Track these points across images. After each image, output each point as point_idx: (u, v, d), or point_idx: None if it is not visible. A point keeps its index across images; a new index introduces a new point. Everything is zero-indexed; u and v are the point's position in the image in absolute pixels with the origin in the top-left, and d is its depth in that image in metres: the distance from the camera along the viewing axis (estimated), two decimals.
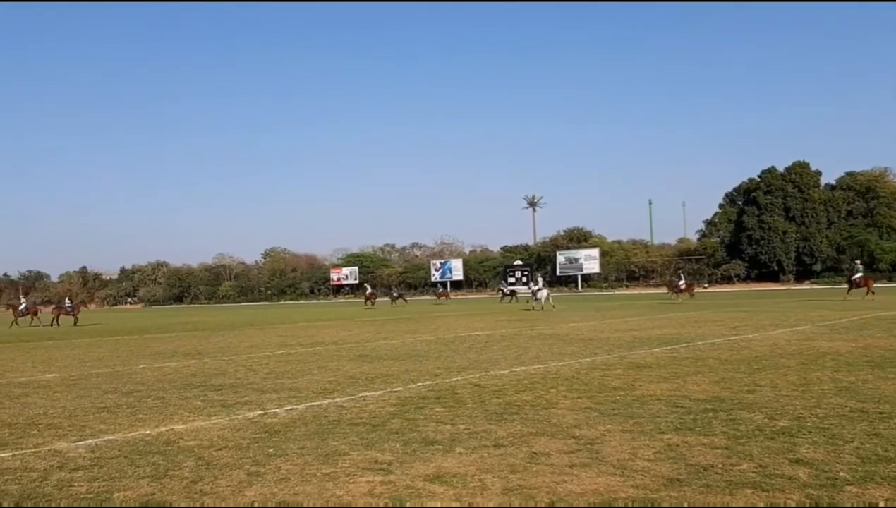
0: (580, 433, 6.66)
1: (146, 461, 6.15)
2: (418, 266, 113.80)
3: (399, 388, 9.90)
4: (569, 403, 8.26)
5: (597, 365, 11.77)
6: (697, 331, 18.34)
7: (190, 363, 14.79)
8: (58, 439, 7.24)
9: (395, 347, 16.80)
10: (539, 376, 10.68)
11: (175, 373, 12.85)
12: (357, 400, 9.05)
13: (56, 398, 10.23)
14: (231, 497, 5.02)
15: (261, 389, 10.38)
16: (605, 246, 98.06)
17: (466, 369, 11.84)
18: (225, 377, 12.04)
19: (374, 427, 7.26)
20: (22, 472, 5.89)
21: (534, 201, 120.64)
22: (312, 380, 11.14)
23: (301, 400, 9.23)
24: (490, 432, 6.83)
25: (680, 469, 5.32)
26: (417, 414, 7.85)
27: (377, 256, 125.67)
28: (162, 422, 7.98)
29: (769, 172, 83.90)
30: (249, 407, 8.83)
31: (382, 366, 12.71)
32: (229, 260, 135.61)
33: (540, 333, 19.75)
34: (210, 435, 7.14)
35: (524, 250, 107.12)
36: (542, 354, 13.90)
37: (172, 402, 9.44)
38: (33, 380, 12.58)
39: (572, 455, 5.85)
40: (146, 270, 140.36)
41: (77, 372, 13.68)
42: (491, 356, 13.87)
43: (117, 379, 12.21)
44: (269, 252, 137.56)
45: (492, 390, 9.43)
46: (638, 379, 10.05)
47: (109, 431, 7.57)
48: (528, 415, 7.60)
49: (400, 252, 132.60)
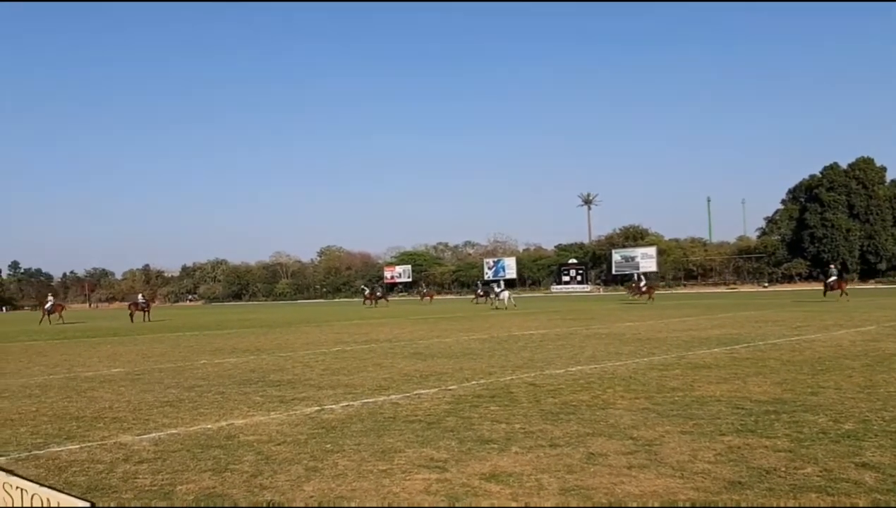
0: (638, 434, 6.57)
1: (207, 455, 6.28)
2: (471, 264, 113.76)
3: (453, 386, 9.91)
4: (626, 403, 8.15)
5: (654, 365, 11.60)
6: (758, 331, 17.92)
7: (249, 359, 15.07)
8: (123, 432, 7.45)
9: (448, 345, 16.84)
10: (595, 376, 10.57)
11: (234, 369, 13.11)
12: (412, 397, 9.10)
13: (121, 392, 10.53)
14: (290, 491, 5.10)
15: (317, 385, 10.51)
16: (662, 244, 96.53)
17: (521, 368, 11.80)
18: (283, 373, 12.23)
19: (429, 424, 7.29)
20: (89, 464, 6.08)
21: (589, 199, 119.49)
22: (368, 377, 11.24)
23: (357, 396, 9.32)
24: (546, 431, 6.79)
25: (742, 472, 5.21)
26: (472, 413, 7.84)
27: (430, 254, 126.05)
28: (222, 417, 8.14)
29: (831, 169, 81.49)
30: (307, 402, 8.96)
31: (436, 364, 12.74)
32: (286, 259, 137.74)
33: (595, 332, 19.56)
34: (269, 430, 7.26)
35: (579, 248, 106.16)
36: (597, 354, 13.76)
37: (232, 397, 9.62)
38: (99, 375, 12.97)
39: (630, 456, 5.78)
40: (206, 268, 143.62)
41: (141, 367, 14.06)
42: (546, 355, 13.79)
43: (179, 375, 12.51)
44: (325, 250, 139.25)
45: (547, 389, 9.37)
46: (697, 379, 9.87)
47: (172, 425, 7.76)
48: (585, 415, 7.53)
49: (453, 250, 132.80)
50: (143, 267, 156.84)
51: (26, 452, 6.61)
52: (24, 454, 6.54)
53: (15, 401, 9.86)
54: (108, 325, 36.62)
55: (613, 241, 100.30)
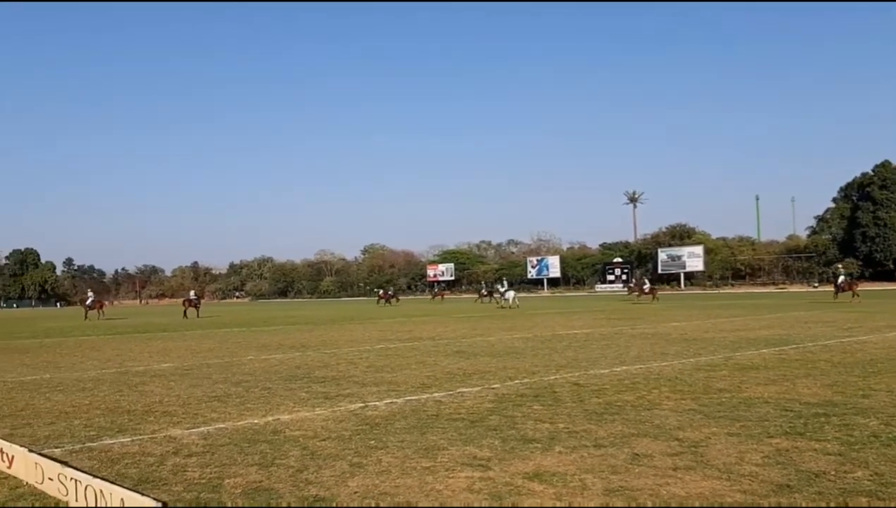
0: (684, 435, 6.49)
1: (254, 449, 6.39)
2: (514, 263, 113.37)
3: (497, 385, 9.91)
4: (672, 404, 8.06)
5: (701, 366, 11.44)
6: (808, 332, 17.54)
7: (294, 355, 15.26)
8: (173, 426, 7.61)
9: (491, 344, 16.82)
10: (641, 376, 10.46)
11: (280, 365, 13.29)
12: (455, 395, 9.11)
13: (171, 386, 10.76)
14: (334, 486, 5.15)
15: (362, 382, 10.60)
16: (710, 243, 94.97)
17: (565, 367, 11.73)
18: (327, 369, 12.36)
19: (472, 422, 7.30)
20: (140, 457, 6.23)
21: (634, 197, 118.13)
22: (411, 375, 11.30)
23: (400, 393, 9.37)
24: (590, 431, 6.75)
25: (790, 475, 5.12)
26: (515, 412, 7.83)
27: (473, 253, 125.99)
28: (269, 412, 8.26)
29: (884, 166, 79.33)
30: (351, 399, 9.04)
31: (480, 363, 12.74)
32: (330, 257, 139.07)
33: (641, 332, 19.35)
34: (314, 426, 7.34)
35: (624, 247, 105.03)
36: (643, 354, 13.61)
37: (278, 393, 9.76)
38: (150, 369, 13.27)
39: (676, 457, 5.71)
40: (253, 265, 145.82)
41: (190, 363, 14.34)
42: (590, 355, 13.69)
43: (227, 370, 12.73)
44: (368, 248, 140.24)
45: (591, 389, 9.31)
46: (745, 380, 9.71)
47: (220, 419, 7.90)
48: (630, 416, 7.46)
49: (496, 248, 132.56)
50: (191, 264, 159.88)
51: (80, 444, 6.80)
52: (78, 446, 6.73)
53: (69, 395, 10.14)
54: (159, 321, 37.40)
55: (659, 240, 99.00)
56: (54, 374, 12.85)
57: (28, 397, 10.01)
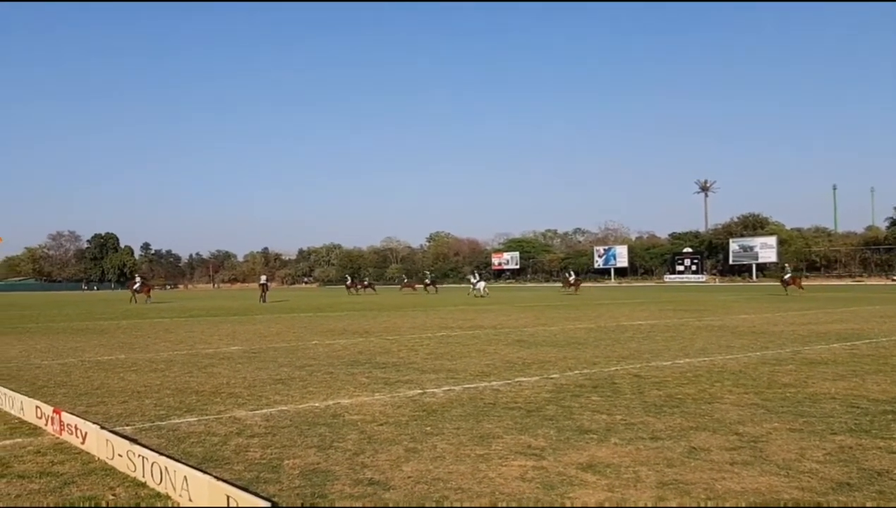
0: (744, 430, 6.37)
1: (314, 431, 6.55)
2: (581, 252, 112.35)
3: (556, 375, 9.89)
4: (734, 398, 7.91)
5: (767, 360, 11.17)
6: (882, 327, 16.92)
7: (357, 341, 15.51)
8: (238, 407, 7.86)
9: (553, 334, 16.75)
10: (703, 369, 10.29)
11: (344, 350, 13.54)
12: (513, 384, 9.14)
13: (238, 369, 11.08)
14: (389, 470, 5.25)
15: (421, 369, 10.72)
16: (783, 233, 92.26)
17: (626, 359, 11.62)
18: (388, 355, 12.53)
19: (528, 412, 7.31)
20: (205, 436, 6.46)
21: (706, 186, 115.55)
22: (470, 363, 11.36)
23: (458, 381, 9.45)
24: (647, 424, 6.69)
25: (851, 473, 4.98)
26: (573, 402, 7.81)
27: (539, 241, 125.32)
28: (330, 396, 8.44)
29: None
30: (410, 385, 9.16)
31: (540, 352, 12.72)
32: (396, 244, 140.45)
33: (708, 324, 18.98)
34: (373, 411, 7.48)
35: (694, 237, 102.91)
36: (708, 346, 13.37)
37: (340, 377, 9.96)
38: (219, 352, 13.68)
39: (734, 452, 5.62)
40: (321, 252, 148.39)
41: (257, 346, 14.73)
42: (653, 346, 13.51)
43: (292, 354, 13.04)
44: (434, 236, 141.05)
45: (652, 381, 9.20)
46: (811, 375, 9.45)
47: (283, 402, 8.11)
48: (689, 409, 7.36)
49: (562, 237, 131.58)
50: (262, 249, 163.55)
51: (149, 423, 7.08)
52: (148, 424, 7.01)
53: (142, 375, 10.56)
54: (229, 305, 38.45)
55: (731, 230, 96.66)
56: (129, 355, 13.38)
57: (103, 376, 10.46)
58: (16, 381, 9.90)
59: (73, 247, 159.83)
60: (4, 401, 7.71)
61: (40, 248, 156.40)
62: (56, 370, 11.28)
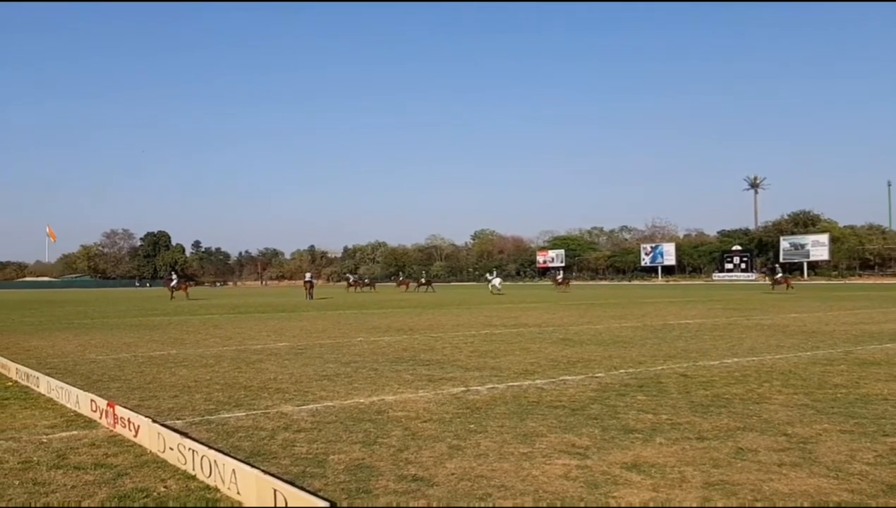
0: (793, 430, 6.26)
1: (359, 427, 6.62)
2: (627, 250, 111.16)
3: (600, 374, 9.82)
4: (783, 399, 7.77)
5: (818, 360, 10.93)
6: None
7: (402, 338, 15.61)
8: (285, 402, 7.98)
9: (598, 332, 16.63)
10: (752, 369, 10.12)
11: (388, 347, 13.64)
12: (557, 382, 9.10)
13: (285, 365, 11.25)
14: (433, 467, 5.29)
15: (465, 366, 10.74)
16: (836, 231, 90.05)
17: (673, 358, 11.48)
18: (432, 353, 12.59)
19: (573, 411, 7.28)
20: (253, 430, 6.58)
21: (756, 182, 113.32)
22: (514, 361, 11.35)
23: (502, 379, 9.45)
24: (694, 424, 6.61)
25: None
26: (618, 401, 7.75)
27: (584, 239, 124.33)
28: (374, 392, 8.52)
29: None
30: (453, 383, 9.19)
31: (585, 351, 12.65)
32: (440, 242, 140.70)
33: (757, 323, 18.64)
34: (416, 408, 7.53)
35: (743, 235, 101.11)
36: (757, 346, 13.13)
37: (384, 374, 10.04)
38: (267, 348, 13.90)
39: (782, 453, 5.53)
40: (366, 249, 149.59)
41: (303, 342, 14.92)
42: (701, 345, 13.32)
43: (337, 350, 13.18)
44: (478, 233, 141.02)
45: (699, 381, 9.08)
46: (864, 376, 9.23)
47: (328, 398, 8.21)
48: (737, 409, 7.25)
49: (608, 235, 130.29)
50: (308, 247, 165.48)
51: (199, 417, 7.24)
52: (198, 418, 7.17)
53: (192, 370, 10.78)
54: (277, 302, 38.99)
55: (782, 228, 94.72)
56: (180, 350, 13.67)
57: (155, 371, 10.71)
58: (72, 375, 10.20)
59: (126, 245, 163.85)
60: (61, 395, 7.96)
61: (95, 246, 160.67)
62: (110, 364, 11.59)
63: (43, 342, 15.84)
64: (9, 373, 10.11)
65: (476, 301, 37.05)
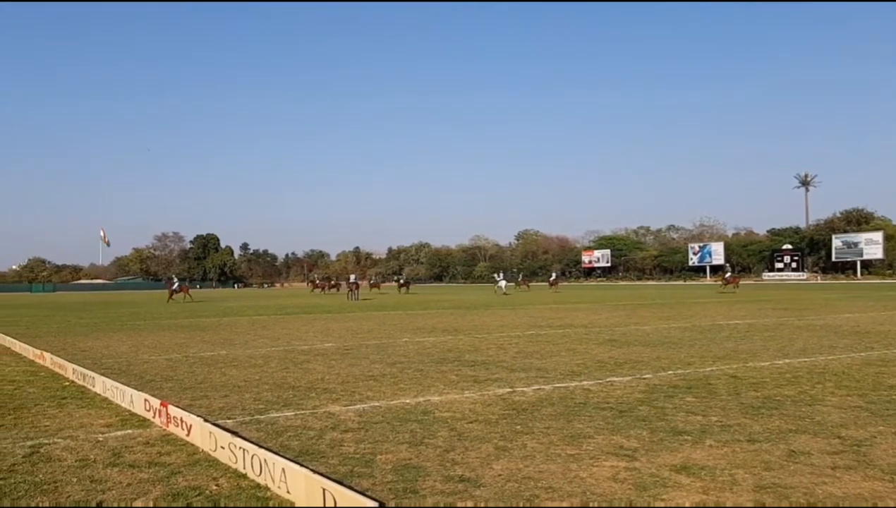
0: (847, 433, 6.12)
1: (405, 428, 6.67)
2: (675, 249, 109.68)
3: (648, 375, 9.72)
4: (836, 400, 7.60)
5: (872, 361, 10.66)
6: None
7: (447, 339, 15.64)
8: (332, 402, 8.07)
9: (646, 333, 16.45)
10: (804, 370, 9.91)
11: (433, 348, 13.68)
12: (604, 384, 9.04)
13: (332, 365, 11.36)
14: (479, 468, 5.30)
15: (510, 367, 10.72)
16: (891, 229, 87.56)
17: (722, 359, 11.31)
18: (478, 353, 12.59)
19: (620, 412, 7.23)
20: (301, 430, 6.67)
21: (807, 180, 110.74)
22: (560, 362, 11.29)
23: (549, 380, 9.41)
24: (744, 426, 6.51)
25: None
26: (666, 403, 7.67)
27: (630, 239, 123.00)
28: (420, 393, 8.56)
29: None
30: (499, 384, 9.18)
31: (632, 352, 12.52)
32: (485, 242, 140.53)
33: (809, 323, 18.24)
34: (462, 408, 7.55)
35: (794, 233, 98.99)
36: (809, 346, 12.86)
37: (430, 375, 10.08)
38: (314, 348, 14.06)
39: (836, 455, 5.41)
40: (410, 250, 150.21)
41: (350, 343, 15.06)
42: (751, 346, 13.09)
43: (383, 351, 13.27)
44: (522, 234, 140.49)
45: (749, 382, 8.93)
46: None
47: (375, 398, 8.28)
48: (789, 411, 7.12)
49: (655, 234, 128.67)
50: (353, 249, 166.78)
51: (249, 416, 7.36)
52: (248, 418, 7.29)
53: (242, 370, 10.97)
54: (321, 303, 39.38)
55: (834, 226, 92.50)
56: (230, 351, 13.91)
57: (206, 371, 10.92)
58: (126, 376, 10.46)
59: (177, 248, 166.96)
60: (116, 394, 8.17)
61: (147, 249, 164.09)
62: (162, 365, 11.85)
63: (98, 343, 16.26)
64: (66, 374, 10.41)
65: (520, 302, 36.94)
